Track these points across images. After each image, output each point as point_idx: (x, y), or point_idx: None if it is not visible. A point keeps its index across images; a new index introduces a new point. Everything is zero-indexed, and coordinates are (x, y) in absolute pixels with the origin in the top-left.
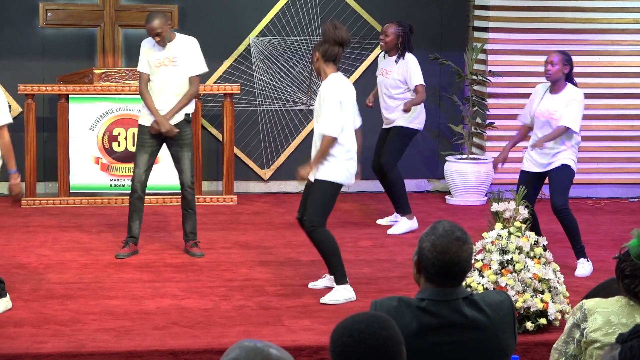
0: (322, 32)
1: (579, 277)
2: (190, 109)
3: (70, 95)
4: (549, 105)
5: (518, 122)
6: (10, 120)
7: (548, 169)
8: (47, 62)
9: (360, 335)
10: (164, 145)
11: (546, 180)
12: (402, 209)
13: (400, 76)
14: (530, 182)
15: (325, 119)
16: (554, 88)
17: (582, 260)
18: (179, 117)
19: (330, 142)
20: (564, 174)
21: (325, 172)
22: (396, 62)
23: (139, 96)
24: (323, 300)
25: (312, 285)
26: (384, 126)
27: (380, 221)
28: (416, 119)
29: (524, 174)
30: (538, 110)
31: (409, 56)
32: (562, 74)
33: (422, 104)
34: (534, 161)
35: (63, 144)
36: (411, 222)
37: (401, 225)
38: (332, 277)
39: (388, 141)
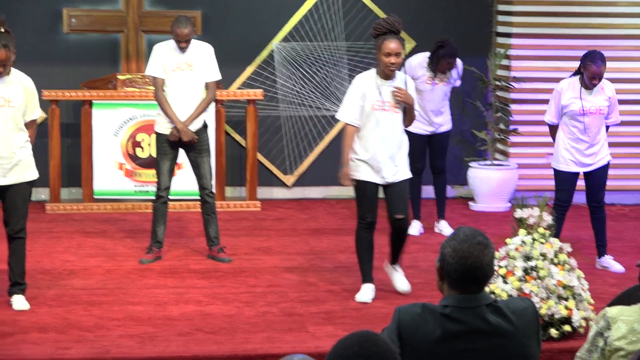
0: (400, 26)
1: (618, 272)
2: (207, 114)
3: (94, 101)
4: (595, 102)
5: (551, 123)
6: (43, 115)
7: (592, 168)
8: (71, 68)
9: (358, 359)
10: (182, 149)
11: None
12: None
13: (453, 79)
14: (573, 182)
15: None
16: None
17: (610, 256)
18: (197, 124)
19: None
20: (606, 170)
21: (408, 170)
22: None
23: None
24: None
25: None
26: (428, 131)
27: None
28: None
29: (567, 175)
30: (587, 106)
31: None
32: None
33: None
34: (577, 161)
35: (87, 149)
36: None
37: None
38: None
39: (443, 145)
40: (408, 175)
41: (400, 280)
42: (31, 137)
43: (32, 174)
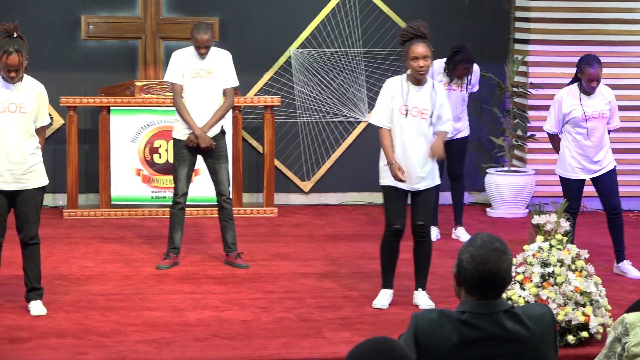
0: (425, 30)
1: (636, 278)
2: (225, 121)
3: (111, 108)
4: (596, 106)
5: (551, 132)
6: (50, 122)
7: (599, 173)
8: (89, 74)
9: None
10: (200, 155)
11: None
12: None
13: (471, 85)
14: (580, 189)
15: (449, 118)
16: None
17: (628, 261)
18: (215, 130)
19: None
20: (615, 175)
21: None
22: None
23: None
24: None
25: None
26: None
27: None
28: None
29: (574, 183)
30: (589, 111)
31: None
32: None
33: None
34: (583, 168)
35: (104, 155)
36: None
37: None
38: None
39: (461, 151)
40: (436, 183)
41: (421, 297)
42: (41, 143)
43: (43, 180)
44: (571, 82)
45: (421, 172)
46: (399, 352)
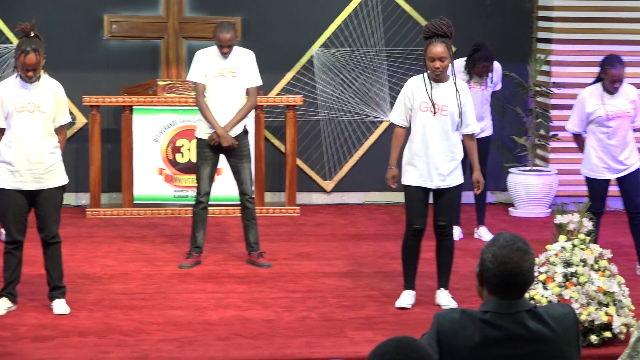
0: (448, 29)
1: None
2: (247, 120)
3: (134, 107)
4: (620, 105)
5: (574, 132)
6: (70, 120)
7: (624, 173)
8: (111, 73)
9: None
10: (222, 155)
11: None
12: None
13: (492, 83)
14: (605, 189)
15: (473, 119)
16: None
17: None
18: (238, 129)
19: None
20: (638, 175)
21: (461, 177)
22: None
23: None
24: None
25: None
26: None
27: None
28: None
29: (600, 183)
30: (612, 111)
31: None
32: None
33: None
34: (609, 167)
35: (127, 155)
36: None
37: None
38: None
39: (484, 151)
40: (459, 181)
41: (444, 297)
42: (61, 142)
43: (62, 179)
44: (594, 82)
45: (444, 170)
46: (421, 351)
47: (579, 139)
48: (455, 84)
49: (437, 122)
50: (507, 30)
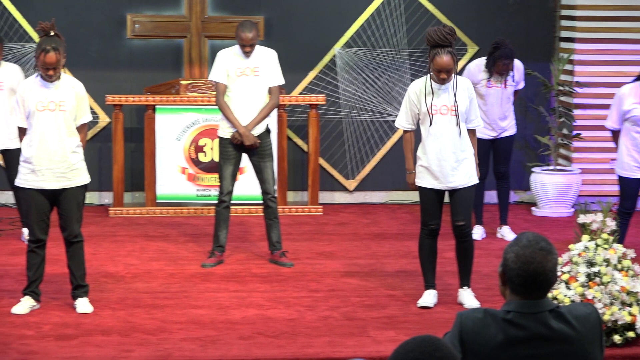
0: (452, 37)
1: None
2: (270, 119)
3: (157, 106)
4: None
5: (613, 128)
6: (91, 119)
7: None
8: (134, 73)
9: None
10: (245, 154)
11: None
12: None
13: (514, 82)
14: (636, 189)
15: (478, 114)
16: None
17: None
18: (260, 128)
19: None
20: None
21: (475, 176)
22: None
23: None
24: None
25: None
26: (491, 136)
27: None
28: None
29: (631, 181)
30: None
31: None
32: None
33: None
34: None
35: (150, 154)
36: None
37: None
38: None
39: (508, 150)
40: (474, 181)
41: (467, 296)
42: (82, 141)
43: (85, 178)
44: (634, 80)
45: (457, 170)
46: (445, 350)
47: (616, 135)
48: (457, 82)
49: (447, 123)
50: (530, 29)
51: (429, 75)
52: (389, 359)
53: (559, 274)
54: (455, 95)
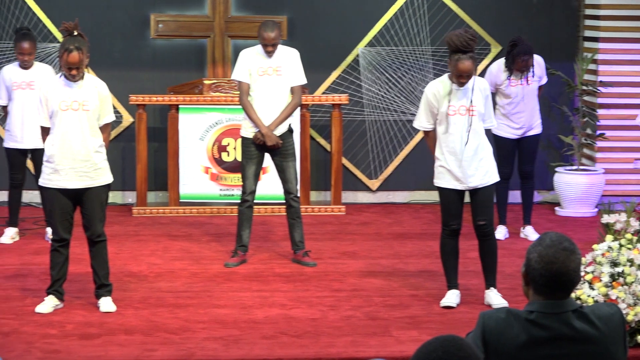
0: (473, 41)
1: None
2: (292, 119)
3: (180, 106)
4: None
5: None
6: (114, 119)
7: None
8: (157, 72)
9: None
10: (267, 153)
11: None
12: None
13: (536, 77)
14: None
15: (492, 114)
16: None
17: None
18: (282, 128)
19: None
20: None
21: (496, 174)
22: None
23: None
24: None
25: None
26: (517, 135)
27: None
28: None
29: None
30: None
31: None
32: None
33: None
34: None
35: (173, 153)
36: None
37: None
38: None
39: (533, 150)
40: (494, 180)
41: (493, 296)
42: (105, 141)
43: (108, 177)
44: None
45: (477, 170)
46: (468, 350)
47: None
48: (474, 83)
49: (466, 123)
50: (554, 29)
51: (446, 75)
52: (412, 358)
53: (582, 274)
54: (472, 95)
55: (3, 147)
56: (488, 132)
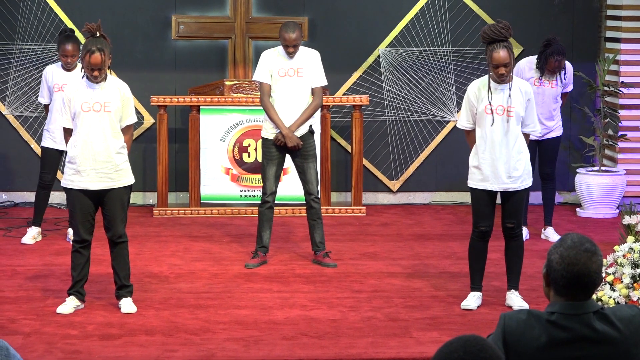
0: (508, 32)
1: None
2: (313, 120)
3: (201, 107)
4: None
5: None
6: (136, 120)
7: None
8: (179, 74)
9: None
10: (288, 155)
11: None
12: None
13: (563, 83)
14: None
15: (534, 120)
16: None
17: None
18: (303, 129)
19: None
20: None
21: (530, 179)
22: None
23: None
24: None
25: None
26: (537, 136)
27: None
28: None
29: None
30: None
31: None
32: None
33: None
34: None
35: (194, 154)
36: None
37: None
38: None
39: (553, 151)
40: (528, 184)
41: (515, 298)
42: (127, 142)
43: (129, 179)
44: None
45: (510, 172)
46: (489, 351)
47: None
48: (518, 84)
49: (504, 125)
50: (575, 30)
51: (488, 75)
52: (433, 358)
53: (603, 275)
54: (511, 96)
55: (40, 147)
56: None
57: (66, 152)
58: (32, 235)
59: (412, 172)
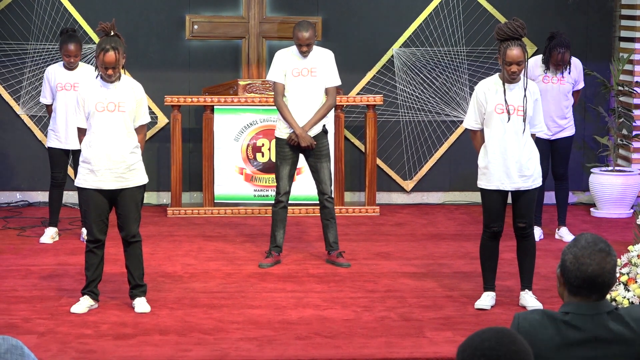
0: (523, 30)
1: None
2: (327, 120)
3: (215, 107)
4: None
5: None
6: (150, 120)
7: None
8: (192, 73)
9: (493, 353)
10: (302, 154)
11: None
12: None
13: (571, 79)
14: None
15: (541, 120)
16: None
17: None
18: (317, 129)
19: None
20: None
21: (540, 179)
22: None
23: None
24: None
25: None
26: (549, 135)
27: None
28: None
29: None
30: None
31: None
32: None
33: None
34: None
35: (208, 154)
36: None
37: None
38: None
39: (566, 151)
40: (538, 184)
41: (529, 298)
42: (141, 142)
43: (143, 178)
44: None
45: (521, 171)
46: (520, 345)
47: None
48: (526, 84)
49: (513, 124)
50: (589, 29)
51: (497, 74)
52: (463, 344)
53: (617, 275)
54: (524, 96)
55: (47, 147)
56: None
57: (73, 151)
58: (50, 235)
59: (425, 172)
